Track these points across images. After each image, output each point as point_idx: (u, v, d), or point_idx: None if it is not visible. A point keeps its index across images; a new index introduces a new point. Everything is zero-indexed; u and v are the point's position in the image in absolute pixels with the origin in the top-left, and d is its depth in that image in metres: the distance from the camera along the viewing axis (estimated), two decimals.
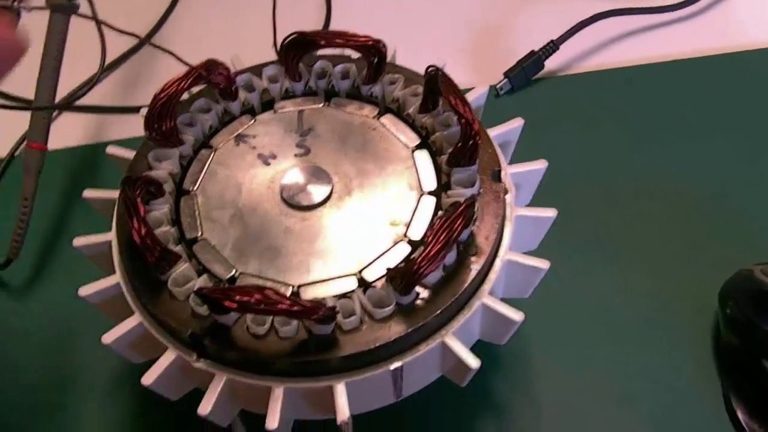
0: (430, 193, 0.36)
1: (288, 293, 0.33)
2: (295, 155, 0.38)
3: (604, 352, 0.45)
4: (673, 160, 0.55)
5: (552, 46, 0.60)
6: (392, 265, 0.33)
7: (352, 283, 0.33)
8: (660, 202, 0.52)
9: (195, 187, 0.38)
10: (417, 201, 0.36)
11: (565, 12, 0.62)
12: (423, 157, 0.38)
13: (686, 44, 0.63)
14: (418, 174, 0.37)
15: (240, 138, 0.40)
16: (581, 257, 0.49)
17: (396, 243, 0.35)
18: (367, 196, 0.37)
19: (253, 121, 0.40)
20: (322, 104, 0.41)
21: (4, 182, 0.53)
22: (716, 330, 0.46)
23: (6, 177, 0.54)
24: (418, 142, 0.39)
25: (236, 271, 0.34)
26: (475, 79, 0.60)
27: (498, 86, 0.59)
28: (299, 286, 0.34)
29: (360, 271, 0.34)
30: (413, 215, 0.36)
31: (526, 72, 0.60)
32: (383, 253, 0.34)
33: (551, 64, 0.60)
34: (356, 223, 0.36)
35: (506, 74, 0.59)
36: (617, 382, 0.44)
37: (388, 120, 0.40)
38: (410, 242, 0.35)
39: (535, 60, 0.59)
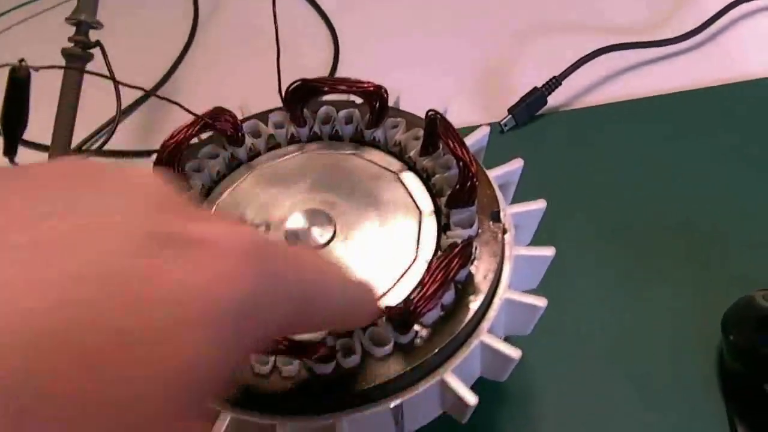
0: (425, 260, 0.37)
1: None
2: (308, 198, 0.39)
3: (607, 381, 0.46)
4: (675, 192, 0.55)
5: (554, 82, 0.61)
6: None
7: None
8: (662, 233, 0.53)
9: None
10: (409, 265, 0.36)
11: (566, 48, 0.63)
12: (429, 223, 0.38)
13: (688, 76, 0.64)
14: (419, 238, 0.37)
15: (257, 176, 0.41)
16: (585, 291, 0.50)
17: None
18: (363, 249, 0.37)
19: (276, 159, 0.42)
20: (349, 151, 0.42)
21: None
22: (720, 356, 0.46)
23: None
24: (431, 206, 0.39)
25: None
26: (480, 116, 0.61)
27: (502, 122, 0.60)
28: None
29: None
30: (402, 276, 0.36)
31: (530, 108, 0.61)
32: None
33: (554, 99, 0.61)
34: (356, 266, 0.36)
35: (510, 111, 0.60)
36: (622, 410, 0.45)
37: (408, 177, 0.40)
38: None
39: (538, 96, 0.61)
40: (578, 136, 0.60)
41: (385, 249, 0.37)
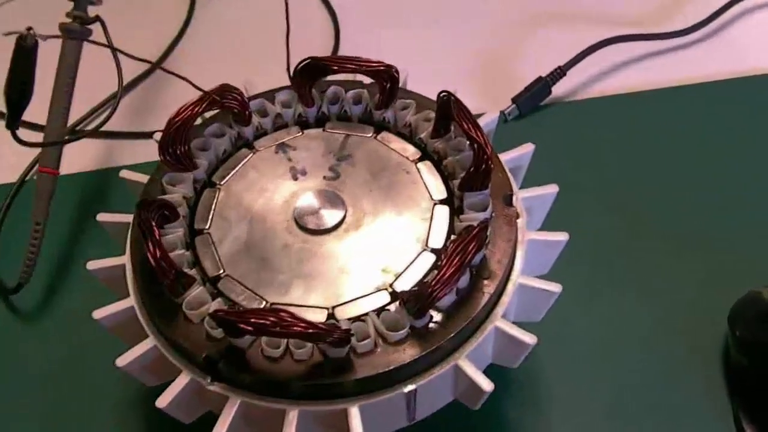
0: (432, 250, 0.36)
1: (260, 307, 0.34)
2: (324, 177, 0.39)
3: (613, 374, 0.45)
4: (679, 185, 0.55)
5: (559, 72, 0.60)
6: (364, 310, 0.33)
7: (321, 316, 0.33)
8: (668, 225, 0.52)
9: (222, 182, 0.39)
10: (416, 255, 0.35)
11: (572, 38, 0.63)
12: (442, 213, 0.37)
13: (693, 70, 0.63)
14: (430, 229, 0.37)
15: (282, 147, 0.40)
16: (589, 281, 0.49)
17: (378, 290, 0.34)
18: (372, 236, 0.36)
19: (300, 133, 0.41)
20: (370, 134, 0.41)
21: (15, 207, 0.53)
22: (726, 351, 0.46)
23: (17, 201, 0.54)
24: (444, 196, 0.38)
25: (222, 272, 0.35)
26: (483, 104, 0.60)
27: (506, 111, 0.59)
28: (272, 304, 0.34)
29: (333, 307, 0.34)
30: (407, 268, 0.35)
31: (534, 98, 0.60)
32: (361, 297, 0.34)
33: (558, 89, 0.61)
34: (350, 260, 0.36)
35: (514, 100, 0.60)
36: (628, 404, 0.44)
37: (424, 166, 0.39)
38: (392, 293, 0.34)
39: (542, 86, 0.60)
40: (582, 128, 0.59)
41: (396, 232, 0.36)
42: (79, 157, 0.58)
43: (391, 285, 0.34)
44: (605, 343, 0.47)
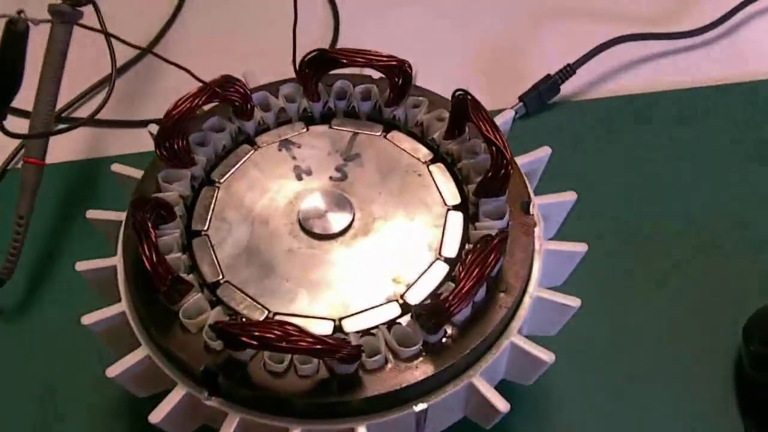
0: (446, 259, 0.34)
1: (262, 317, 0.32)
2: (331, 178, 0.37)
3: (623, 389, 0.44)
4: (691, 192, 0.53)
5: (568, 70, 0.58)
6: (374, 323, 0.32)
7: (327, 328, 0.32)
8: (681, 235, 0.51)
9: (221, 180, 0.37)
10: (429, 264, 0.34)
11: (582, 36, 0.61)
12: (455, 220, 0.35)
13: (705, 71, 0.62)
14: (443, 236, 0.35)
15: (285, 143, 0.38)
16: (598, 290, 0.47)
17: (388, 302, 0.32)
18: (382, 243, 0.35)
19: (305, 129, 0.39)
20: (379, 133, 0.39)
21: None
22: (738, 366, 0.44)
23: None
24: (458, 201, 0.36)
25: (222, 278, 0.33)
26: (489, 102, 0.58)
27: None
28: (275, 314, 0.32)
29: (340, 319, 0.32)
30: (419, 278, 0.33)
31: (542, 96, 0.58)
32: (370, 308, 0.32)
33: (567, 88, 0.59)
34: (359, 268, 0.34)
35: (521, 98, 0.58)
36: (637, 420, 0.43)
37: (437, 169, 0.37)
38: (403, 305, 0.32)
39: (551, 84, 0.58)
40: (591, 128, 0.57)
41: (407, 239, 0.35)
42: (65, 146, 0.55)
43: (402, 296, 0.33)
44: (615, 357, 0.45)
